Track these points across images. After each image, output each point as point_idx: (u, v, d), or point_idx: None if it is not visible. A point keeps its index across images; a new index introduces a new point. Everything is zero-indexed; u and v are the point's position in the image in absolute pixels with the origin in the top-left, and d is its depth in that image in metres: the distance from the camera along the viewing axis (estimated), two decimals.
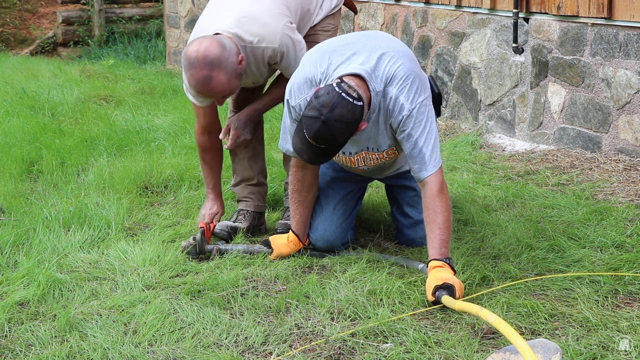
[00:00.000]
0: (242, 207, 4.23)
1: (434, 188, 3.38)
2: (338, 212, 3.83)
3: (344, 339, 2.93)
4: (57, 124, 6.44)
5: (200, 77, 3.57)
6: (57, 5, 13.19)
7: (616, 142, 5.15)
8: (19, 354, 2.90)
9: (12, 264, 3.71)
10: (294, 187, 3.74)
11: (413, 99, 3.36)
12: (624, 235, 3.85)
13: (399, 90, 3.36)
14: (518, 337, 2.48)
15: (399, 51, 3.45)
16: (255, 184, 4.25)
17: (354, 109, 3.20)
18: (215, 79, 3.57)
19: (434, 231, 3.34)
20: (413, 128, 3.37)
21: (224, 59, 3.57)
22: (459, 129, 6.20)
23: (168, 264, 3.67)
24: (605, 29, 5.13)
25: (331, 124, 3.17)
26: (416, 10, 6.65)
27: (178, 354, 2.87)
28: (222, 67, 3.57)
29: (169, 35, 10.44)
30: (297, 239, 3.76)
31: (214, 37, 3.63)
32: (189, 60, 3.58)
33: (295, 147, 3.33)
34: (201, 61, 3.54)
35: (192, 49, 3.59)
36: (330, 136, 3.20)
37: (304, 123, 3.22)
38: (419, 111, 3.37)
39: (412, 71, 3.40)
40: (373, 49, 3.40)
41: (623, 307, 3.13)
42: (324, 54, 3.47)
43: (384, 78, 3.35)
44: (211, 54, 3.55)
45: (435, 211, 3.36)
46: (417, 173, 3.41)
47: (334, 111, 3.16)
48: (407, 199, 3.92)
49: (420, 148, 3.38)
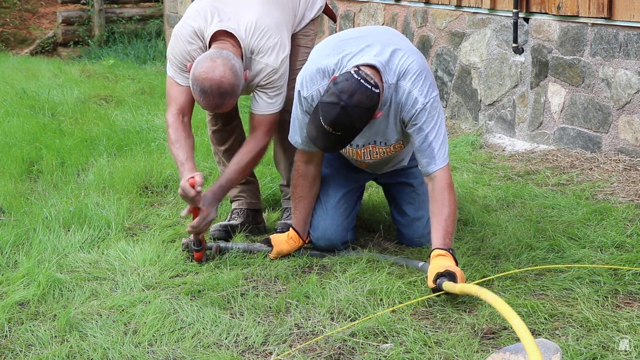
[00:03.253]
0: (235, 206, 4.24)
1: (443, 181, 3.42)
2: (339, 211, 3.83)
3: (344, 339, 2.93)
4: (57, 124, 6.44)
5: (212, 104, 3.55)
6: (57, 5, 13.19)
7: (616, 142, 5.15)
8: (19, 354, 2.90)
9: (12, 264, 3.71)
10: (296, 181, 3.75)
11: (427, 93, 3.41)
12: (624, 235, 3.85)
13: (413, 84, 3.40)
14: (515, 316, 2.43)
15: (411, 48, 3.51)
16: (244, 182, 4.24)
17: (372, 96, 3.24)
18: (227, 103, 3.57)
19: (439, 223, 3.37)
20: (425, 122, 3.42)
21: (237, 87, 3.54)
22: (459, 129, 6.20)
23: (168, 264, 3.67)
24: (605, 29, 5.13)
25: (350, 109, 3.20)
26: (416, 10, 6.65)
27: (178, 354, 2.87)
28: (235, 94, 3.55)
29: (169, 35, 10.44)
30: (297, 235, 3.76)
31: (225, 60, 3.52)
32: (201, 88, 3.51)
33: (310, 135, 3.35)
34: (215, 91, 3.50)
35: (205, 76, 3.49)
36: (349, 122, 3.23)
37: (321, 110, 3.25)
38: (432, 106, 3.42)
39: (424, 67, 3.46)
40: (386, 44, 3.45)
41: (623, 307, 3.13)
42: (336, 45, 3.51)
43: (397, 72, 3.40)
44: (225, 84, 3.50)
45: (443, 203, 3.39)
46: (426, 167, 3.45)
47: (353, 97, 3.20)
48: (404, 196, 3.93)
49: (430, 142, 3.42)
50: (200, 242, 3.67)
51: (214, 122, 4.21)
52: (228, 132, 4.22)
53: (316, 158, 3.73)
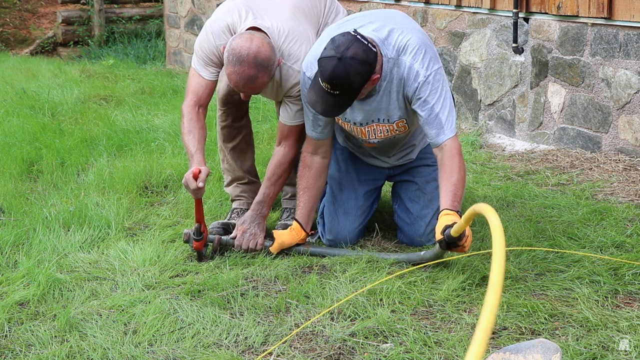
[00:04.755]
0: (235, 205, 4.26)
1: (453, 149, 3.46)
2: (353, 215, 3.90)
3: (344, 339, 2.93)
4: (57, 124, 6.44)
5: (246, 75, 3.49)
6: (57, 5, 13.19)
7: (616, 142, 5.15)
8: (19, 354, 2.90)
9: (12, 264, 3.71)
10: (302, 173, 3.77)
11: (428, 66, 3.45)
12: (624, 235, 3.85)
13: (413, 58, 3.45)
14: (496, 217, 2.24)
15: (411, 26, 3.57)
16: (246, 182, 4.27)
17: (369, 51, 3.31)
18: (260, 79, 3.52)
19: (448, 187, 3.40)
20: (429, 95, 3.45)
21: (272, 62, 3.53)
22: (459, 129, 6.20)
23: (168, 264, 3.67)
24: (605, 29, 5.13)
25: (346, 61, 3.26)
26: (416, 10, 6.65)
27: (178, 354, 2.87)
28: (269, 70, 3.52)
29: (169, 35, 10.44)
30: (300, 227, 3.76)
31: (264, 37, 3.55)
32: (238, 56, 3.48)
33: (310, 100, 3.41)
34: (252, 60, 3.47)
35: (243, 44, 3.49)
36: (345, 75, 3.27)
37: (320, 66, 3.33)
38: (435, 78, 3.46)
39: (424, 42, 3.50)
40: (386, 22, 3.52)
41: (623, 307, 3.13)
42: (340, 26, 3.60)
43: (397, 47, 3.46)
44: (262, 55, 3.48)
45: (453, 169, 3.42)
46: (435, 138, 3.48)
47: (349, 49, 3.28)
48: (409, 193, 3.95)
49: (437, 114, 3.46)
50: (201, 232, 3.69)
51: (224, 118, 4.22)
52: (237, 129, 4.24)
53: (322, 149, 3.75)
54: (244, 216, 3.82)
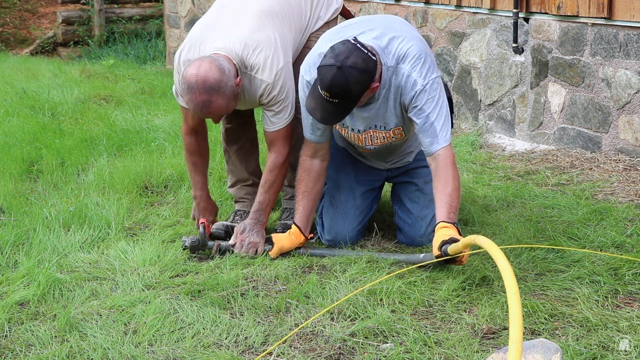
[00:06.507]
0: (239, 207, 4.26)
1: (447, 159, 3.45)
2: (351, 216, 3.90)
3: (344, 339, 2.93)
4: (57, 124, 6.43)
5: (199, 102, 3.51)
6: (57, 5, 13.19)
7: (616, 142, 5.15)
8: (19, 354, 2.90)
9: (12, 264, 3.71)
10: (300, 176, 3.77)
11: (426, 75, 3.46)
12: (624, 235, 3.85)
13: (412, 67, 3.45)
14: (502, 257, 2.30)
15: (411, 34, 3.56)
16: (250, 184, 4.27)
17: (368, 60, 3.32)
18: (214, 103, 3.52)
19: (443, 199, 3.40)
20: (425, 103, 3.46)
21: (223, 84, 3.51)
22: (459, 129, 6.20)
23: (168, 264, 3.67)
24: (605, 29, 5.13)
25: (346, 70, 3.27)
26: (416, 10, 6.65)
27: (178, 354, 2.87)
28: (221, 92, 3.51)
29: (169, 35, 10.44)
30: (299, 231, 3.76)
31: (212, 60, 3.54)
32: (188, 84, 3.51)
33: (309, 107, 3.41)
34: (200, 86, 3.48)
35: (191, 72, 3.51)
36: (345, 83, 3.27)
37: (319, 74, 3.33)
38: (432, 87, 3.46)
39: (423, 51, 3.50)
40: (387, 30, 3.51)
41: (623, 307, 3.13)
42: (338, 31, 3.60)
43: (396, 56, 3.46)
44: (210, 79, 3.48)
45: (447, 180, 3.42)
46: (429, 147, 3.48)
47: (349, 58, 3.28)
48: (408, 194, 3.95)
49: (432, 122, 3.46)
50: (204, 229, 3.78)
51: (229, 120, 4.23)
52: (241, 131, 4.24)
53: (321, 152, 3.75)
54: (243, 223, 3.84)
